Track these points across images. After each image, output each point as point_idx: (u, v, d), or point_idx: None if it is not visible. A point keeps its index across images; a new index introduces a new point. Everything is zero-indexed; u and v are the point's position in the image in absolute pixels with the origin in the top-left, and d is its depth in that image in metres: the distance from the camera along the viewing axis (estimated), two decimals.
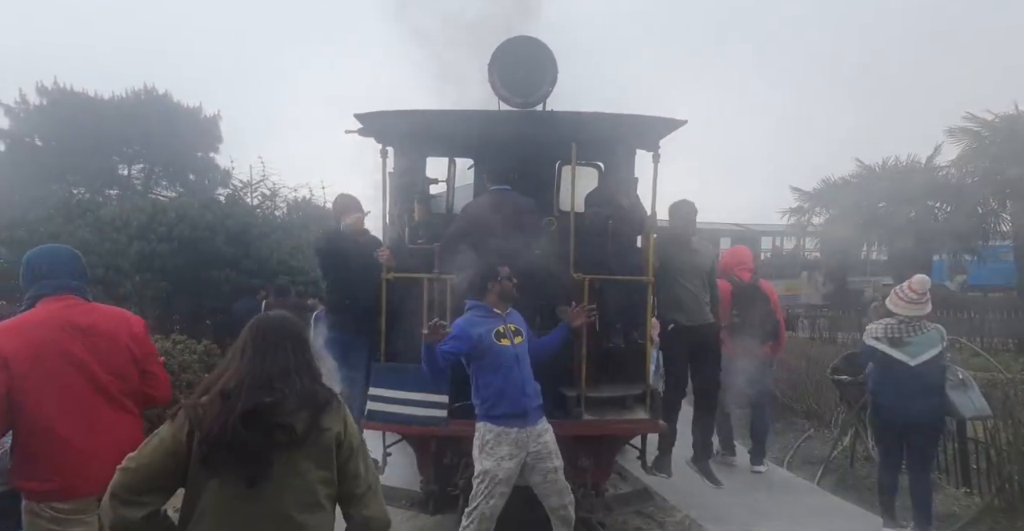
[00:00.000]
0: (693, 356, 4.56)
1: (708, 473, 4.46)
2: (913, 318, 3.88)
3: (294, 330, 1.90)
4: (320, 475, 1.76)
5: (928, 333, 3.86)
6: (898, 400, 3.88)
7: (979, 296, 17.90)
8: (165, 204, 10.70)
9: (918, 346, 3.84)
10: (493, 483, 3.24)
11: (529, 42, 4.34)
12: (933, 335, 3.86)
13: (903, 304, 3.92)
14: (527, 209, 4.12)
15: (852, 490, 5.01)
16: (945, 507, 4.44)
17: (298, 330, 1.92)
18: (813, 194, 18.39)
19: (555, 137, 4.25)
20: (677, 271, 4.45)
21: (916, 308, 3.88)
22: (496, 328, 3.40)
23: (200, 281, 9.21)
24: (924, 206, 16.23)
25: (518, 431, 3.28)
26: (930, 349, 3.83)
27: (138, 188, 20.20)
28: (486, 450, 3.28)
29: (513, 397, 3.29)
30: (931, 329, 3.88)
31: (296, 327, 1.93)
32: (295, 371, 1.79)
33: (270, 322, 1.90)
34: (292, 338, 1.86)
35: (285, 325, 1.89)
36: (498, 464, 3.25)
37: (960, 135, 15.94)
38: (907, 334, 3.87)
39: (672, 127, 4.23)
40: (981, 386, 4.08)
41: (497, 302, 3.47)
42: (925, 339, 3.85)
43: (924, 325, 3.87)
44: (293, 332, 1.89)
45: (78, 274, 2.45)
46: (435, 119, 4.18)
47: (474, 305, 3.49)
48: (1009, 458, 4.13)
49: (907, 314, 3.88)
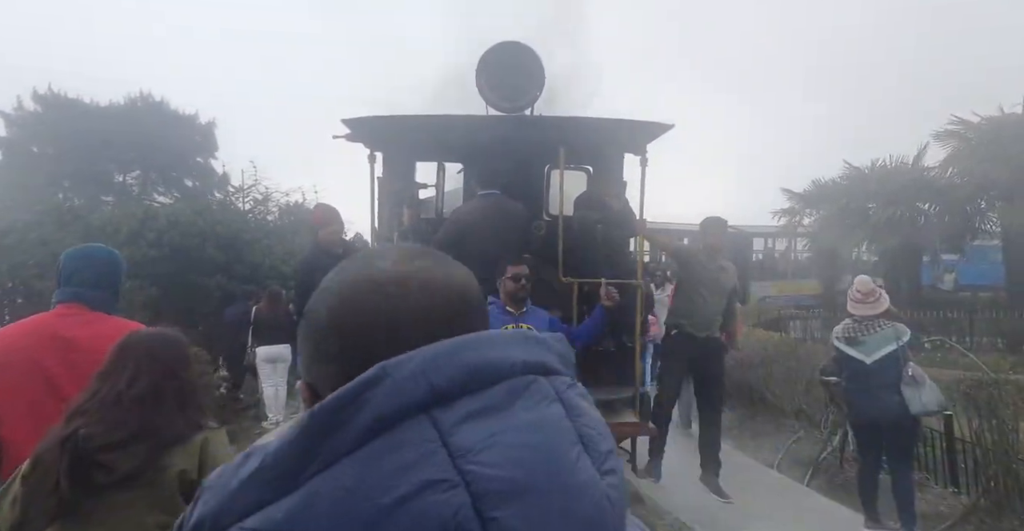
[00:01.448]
0: (695, 368, 4.58)
1: (716, 488, 4.48)
2: (866, 317, 4.02)
3: (158, 350, 1.64)
4: (158, 520, 1.51)
5: (882, 331, 3.98)
6: (860, 397, 4.05)
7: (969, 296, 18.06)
8: (156, 210, 10.65)
9: (872, 345, 3.97)
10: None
11: (516, 47, 4.37)
12: (887, 333, 3.97)
13: (853, 304, 4.09)
14: (516, 213, 4.14)
15: (841, 491, 5.03)
16: (932, 507, 4.47)
17: (165, 351, 1.66)
18: (803, 195, 18.53)
19: (543, 141, 4.27)
20: (700, 282, 4.50)
21: (865, 308, 4.02)
22: (503, 328, 3.39)
23: (191, 287, 9.17)
24: (912, 206, 16.38)
25: None
26: (884, 347, 3.94)
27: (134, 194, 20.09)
28: None
29: None
30: (886, 327, 3.98)
31: (165, 347, 1.67)
32: (138, 398, 1.54)
33: (130, 340, 1.66)
34: (150, 359, 1.61)
35: (147, 343, 1.65)
36: None
37: (947, 138, 16.13)
38: (861, 333, 4.02)
39: (659, 131, 4.26)
40: (966, 386, 4.13)
41: (507, 300, 3.46)
42: (879, 337, 3.97)
43: (878, 324, 3.99)
44: (154, 352, 1.63)
45: (101, 282, 2.22)
46: (423, 124, 4.19)
47: (493, 301, 3.52)
48: (994, 458, 4.17)
49: (859, 314, 4.04)
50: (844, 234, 16.99)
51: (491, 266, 3.86)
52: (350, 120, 4.10)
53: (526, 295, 3.49)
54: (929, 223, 16.23)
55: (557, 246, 4.12)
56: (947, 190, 15.75)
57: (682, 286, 4.71)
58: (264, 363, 7.25)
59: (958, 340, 11.94)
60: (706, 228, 4.64)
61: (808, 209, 18.49)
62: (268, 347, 7.16)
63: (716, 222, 4.64)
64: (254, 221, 12.54)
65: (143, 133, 19.41)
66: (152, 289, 8.85)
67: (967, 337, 12.77)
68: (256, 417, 7.49)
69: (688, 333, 4.48)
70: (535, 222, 4.69)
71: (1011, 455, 4.04)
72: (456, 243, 4.07)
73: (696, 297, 4.48)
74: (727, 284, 4.60)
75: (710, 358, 4.55)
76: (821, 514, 4.51)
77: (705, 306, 4.48)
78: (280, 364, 7.20)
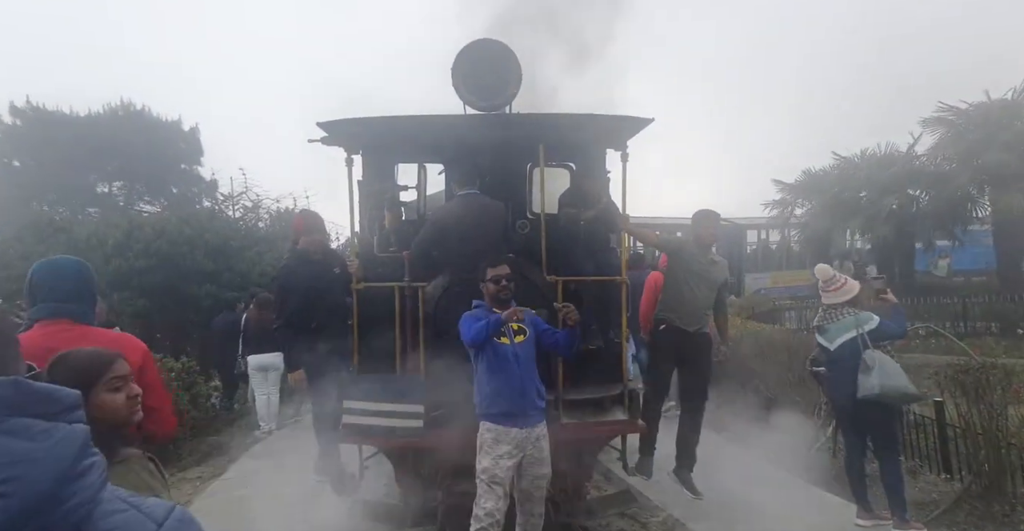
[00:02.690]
0: (681, 363, 4.51)
1: (689, 484, 4.43)
2: (831, 306, 4.09)
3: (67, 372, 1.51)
4: None
5: (843, 320, 4.03)
6: (830, 384, 4.23)
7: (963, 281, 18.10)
8: (142, 220, 10.59)
9: (834, 332, 4.05)
10: (492, 482, 3.22)
11: (492, 45, 4.33)
12: (847, 321, 4.02)
13: (821, 293, 4.19)
14: (495, 212, 4.10)
15: (835, 482, 5.01)
16: (926, 494, 4.46)
17: (74, 372, 1.53)
18: (795, 186, 18.58)
19: (524, 139, 4.23)
20: (690, 274, 4.43)
21: (829, 296, 4.10)
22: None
23: (181, 297, 9.12)
24: (903, 194, 16.41)
25: (517, 431, 3.27)
26: (844, 334, 4.00)
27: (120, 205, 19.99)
28: (484, 449, 3.28)
29: (509, 397, 3.28)
30: (848, 316, 4.02)
31: (82, 369, 1.55)
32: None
33: (56, 359, 1.55)
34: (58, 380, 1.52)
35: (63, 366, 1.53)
36: (496, 463, 3.23)
37: (935, 124, 16.16)
38: (827, 321, 4.12)
39: (639, 126, 4.23)
40: (953, 371, 4.13)
41: (490, 302, 3.45)
42: (840, 325, 4.04)
43: (844, 312, 4.04)
44: (64, 375, 1.49)
45: (82, 294, 2.21)
46: (400, 125, 4.14)
47: (479, 304, 3.51)
48: (984, 442, 4.16)
49: (827, 302, 4.13)
50: (836, 223, 17.03)
51: (471, 265, 3.84)
52: (326, 123, 4.05)
53: (509, 296, 3.45)
54: (921, 210, 16.27)
55: (541, 245, 4.09)
56: (938, 177, 15.79)
57: (670, 279, 4.61)
58: (255, 372, 7.20)
59: (952, 325, 11.96)
60: (698, 221, 4.57)
61: (800, 199, 18.53)
62: (259, 356, 7.10)
63: (708, 215, 4.57)
64: (244, 228, 12.48)
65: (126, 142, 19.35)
66: (141, 301, 8.81)
67: (961, 322, 12.80)
68: (248, 426, 7.44)
69: (677, 327, 4.41)
70: (519, 221, 4.65)
71: (1000, 439, 4.03)
72: (436, 243, 4.04)
73: (685, 290, 4.41)
74: (718, 278, 4.54)
75: (699, 353, 4.48)
76: (815, 505, 4.48)
77: (694, 299, 4.41)
78: (272, 372, 7.14)
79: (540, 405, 3.39)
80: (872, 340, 3.88)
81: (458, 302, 3.69)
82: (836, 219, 16.79)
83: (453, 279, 3.94)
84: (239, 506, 4.62)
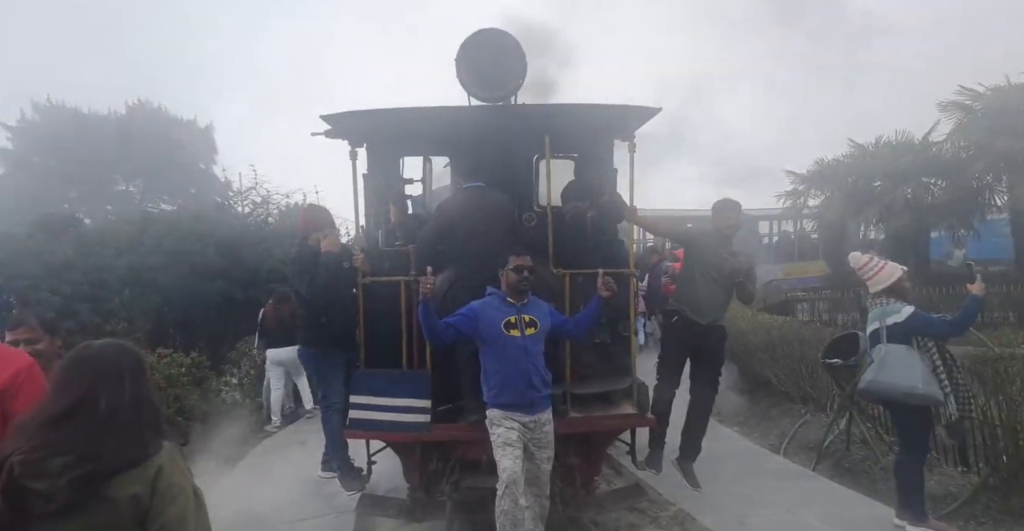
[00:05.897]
0: (693, 356, 4.38)
1: (690, 475, 4.33)
2: (874, 294, 3.98)
3: (103, 365, 1.50)
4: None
5: (874, 310, 3.96)
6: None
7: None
8: (154, 216, 10.67)
9: (868, 321, 4.00)
10: (506, 444, 3.26)
11: (496, 35, 4.26)
12: (875, 312, 3.93)
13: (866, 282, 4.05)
14: (500, 205, 4.05)
15: (848, 474, 4.95)
16: (943, 487, 4.38)
17: (113, 364, 1.52)
18: (808, 176, 18.28)
19: (529, 131, 4.18)
20: (707, 265, 4.24)
21: (870, 284, 3.97)
22: (507, 318, 3.37)
23: (192, 292, 9.18)
24: (919, 183, 16.10)
25: (522, 416, 3.32)
26: (871, 325, 3.94)
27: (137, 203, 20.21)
28: (494, 423, 3.35)
29: (517, 388, 3.31)
30: (876, 306, 3.93)
31: (112, 360, 1.52)
32: (80, 419, 1.42)
33: (79, 353, 1.53)
34: (96, 373, 1.47)
35: (94, 357, 1.52)
36: (507, 430, 3.30)
37: (952, 109, 15.79)
38: (869, 309, 4.04)
39: (647, 116, 4.16)
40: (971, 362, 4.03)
41: (509, 291, 3.43)
42: (871, 316, 3.98)
43: (878, 302, 3.94)
44: (100, 366, 1.49)
45: None
46: (404, 117, 4.10)
47: (492, 291, 3.49)
48: (1002, 434, 4.07)
49: (871, 290, 4.00)
50: (851, 214, 16.76)
51: (476, 259, 3.80)
52: (330, 116, 4.02)
53: (528, 287, 3.44)
54: (937, 200, 15.96)
55: (548, 237, 4.04)
56: (954, 165, 15.46)
57: (685, 270, 4.44)
58: (273, 366, 7.21)
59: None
60: (717, 211, 4.36)
61: (813, 189, 18.25)
62: (276, 350, 7.09)
63: (728, 205, 4.34)
64: (253, 224, 12.53)
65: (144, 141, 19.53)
66: (153, 297, 8.88)
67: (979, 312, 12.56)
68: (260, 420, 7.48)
69: (689, 320, 4.24)
70: (526, 214, 4.60)
71: (1019, 431, 3.93)
72: (442, 237, 4.00)
73: (699, 281, 4.24)
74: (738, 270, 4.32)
75: (712, 346, 4.34)
76: (827, 498, 4.42)
77: (708, 291, 4.23)
78: (289, 367, 7.14)
79: (546, 393, 3.42)
80: (914, 335, 3.71)
81: (465, 296, 3.66)
82: (850, 209, 16.51)
83: (460, 273, 3.90)
84: (247, 500, 4.64)
